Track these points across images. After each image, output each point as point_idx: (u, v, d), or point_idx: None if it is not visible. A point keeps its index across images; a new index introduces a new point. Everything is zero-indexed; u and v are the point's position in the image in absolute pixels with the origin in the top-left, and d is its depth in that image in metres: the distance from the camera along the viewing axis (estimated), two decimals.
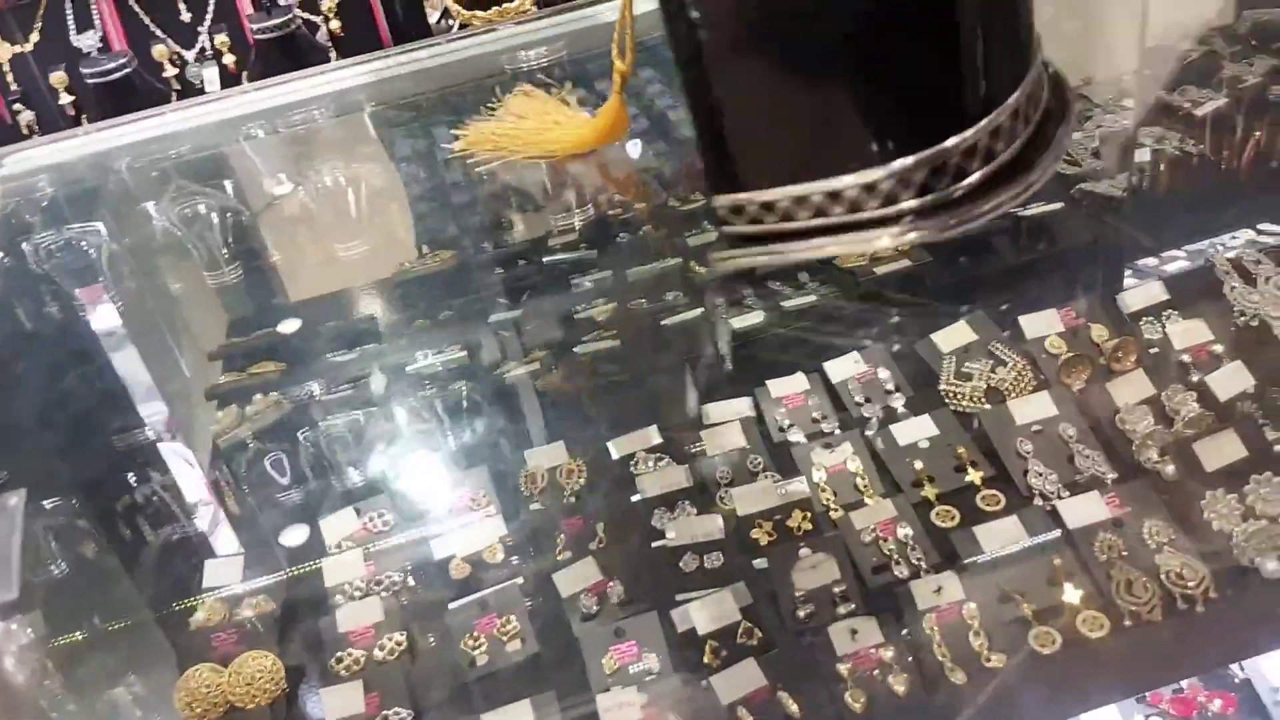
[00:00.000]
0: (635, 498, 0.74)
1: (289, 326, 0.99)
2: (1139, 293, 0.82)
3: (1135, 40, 1.24)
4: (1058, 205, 0.95)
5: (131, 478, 0.83)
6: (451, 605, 0.69)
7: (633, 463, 0.77)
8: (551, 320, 0.94)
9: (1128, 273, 0.88)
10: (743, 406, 0.80)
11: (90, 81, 1.78)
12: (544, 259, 1.01)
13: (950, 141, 0.46)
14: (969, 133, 0.46)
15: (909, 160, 0.47)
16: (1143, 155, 1.03)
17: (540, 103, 1.14)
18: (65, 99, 1.82)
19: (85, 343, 1.08)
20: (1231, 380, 0.74)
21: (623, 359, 0.88)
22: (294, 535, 0.77)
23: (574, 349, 0.89)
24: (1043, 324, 0.81)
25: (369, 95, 1.41)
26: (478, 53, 1.38)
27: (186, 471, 0.85)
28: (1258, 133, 1.05)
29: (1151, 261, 0.88)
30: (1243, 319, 0.81)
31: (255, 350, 0.96)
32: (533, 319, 0.95)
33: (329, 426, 0.85)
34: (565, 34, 1.33)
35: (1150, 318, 0.81)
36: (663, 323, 0.89)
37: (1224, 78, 1.11)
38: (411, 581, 0.71)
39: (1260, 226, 0.92)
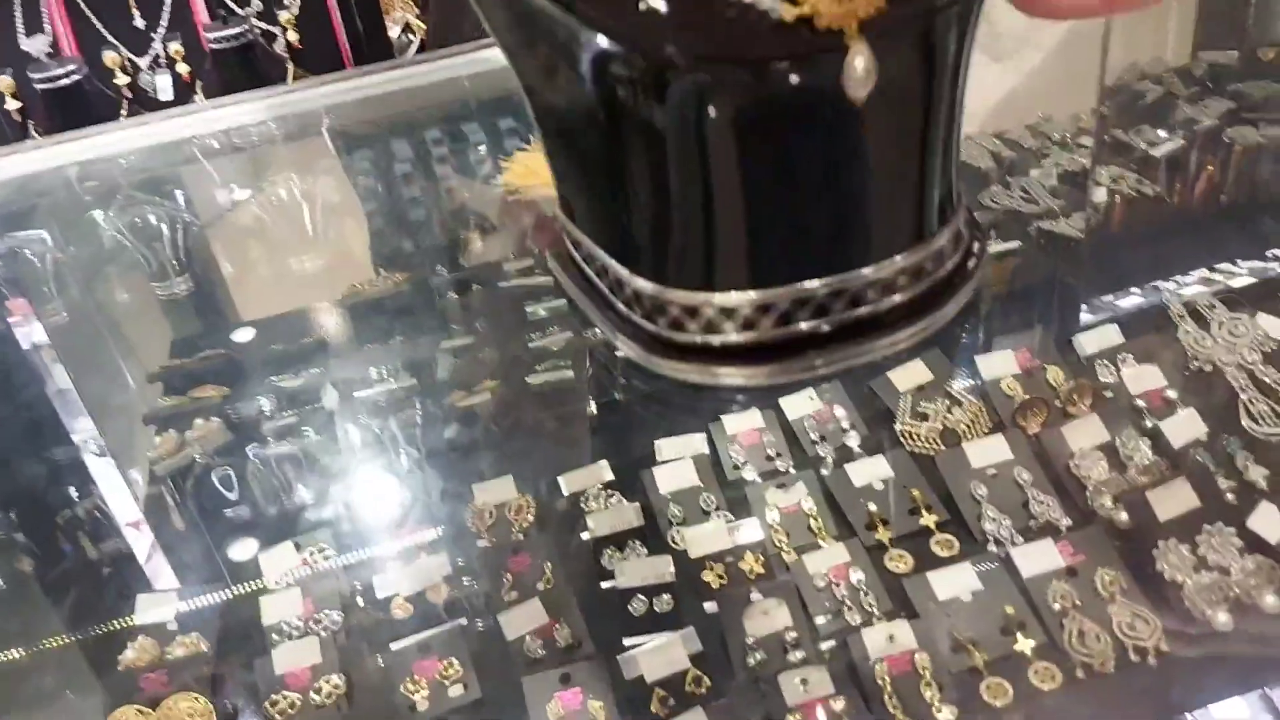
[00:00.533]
0: (585, 535, 0.73)
1: (243, 336, 0.98)
2: (1094, 335, 0.82)
3: (1094, 78, 1.25)
4: (1015, 244, 0.95)
5: (59, 506, 0.81)
6: (392, 646, 0.67)
7: (584, 499, 0.75)
8: (504, 349, 0.92)
9: (1084, 314, 0.88)
10: (697, 442, 0.78)
11: (39, 88, 1.74)
12: (500, 284, 1.00)
13: (809, 283, 0.46)
14: (817, 282, 0.46)
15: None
16: (1099, 195, 1.03)
17: None
18: (11, 105, 1.78)
19: (20, 357, 1.05)
20: (1184, 427, 0.74)
21: (577, 391, 0.86)
22: (241, 550, 0.75)
23: (526, 379, 0.87)
24: (999, 365, 0.81)
25: (329, 112, 1.38)
26: (444, 76, 1.36)
27: (119, 500, 0.82)
28: (1212, 175, 1.06)
29: (1108, 302, 0.89)
30: (1195, 364, 0.81)
31: (198, 372, 0.94)
32: (485, 346, 0.94)
33: (270, 456, 0.83)
34: None
35: (1105, 361, 0.81)
36: (618, 354, 0.87)
37: (1180, 119, 1.12)
38: (352, 620, 0.69)
39: (1214, 268, 0.92)
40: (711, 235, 0.46)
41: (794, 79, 0.42)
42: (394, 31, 2.12)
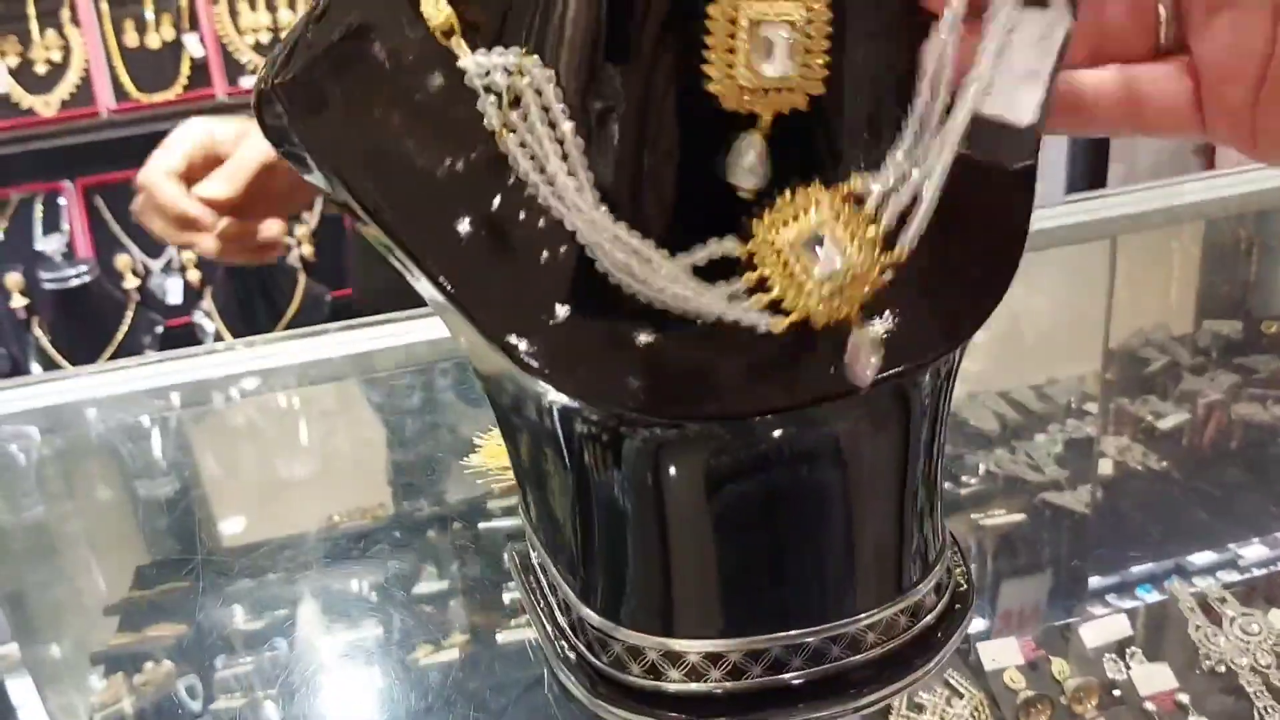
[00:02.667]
0: None
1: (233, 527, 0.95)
2: (1101, 626, 0.78)
3: (1099, 343, 1.24)
4: (1019, 517, 0.92)
5: None
6: None
7: None
8: (481, 596, 0.88)
9: (1090, 600, 0.84)
10: None
11: (47, 287, 1.75)
12: (480, 525, 0.96)
13: (782, 633, 0.42)
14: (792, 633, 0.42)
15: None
16: (1106, 467, 1.00)
17: None
18: (18, 302, 1.79)
19: None
20: None
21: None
22: None
23: (497, 635, 0.82)
24: (1002, 654, 0.76)
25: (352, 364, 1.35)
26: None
27: None
28: (1220, 451, 1.04)
29: (1115, 589, 0.84)
30: (1208, 663, 0.76)
31: (156, 606, 0.89)
32: (460, 593, 0.89)
33: (224, 711, 0.77)
34: None
35: (1113, 655, 0.76)
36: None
37: (1185, 391, 1.11)
38: None
39: (1225, 552, 0.88)
40: (668, 580, 0.42)
41: (777, 430, 0.39)
42: None
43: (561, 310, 0.37)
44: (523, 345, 0.36)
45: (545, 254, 0.37)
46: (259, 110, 0.40)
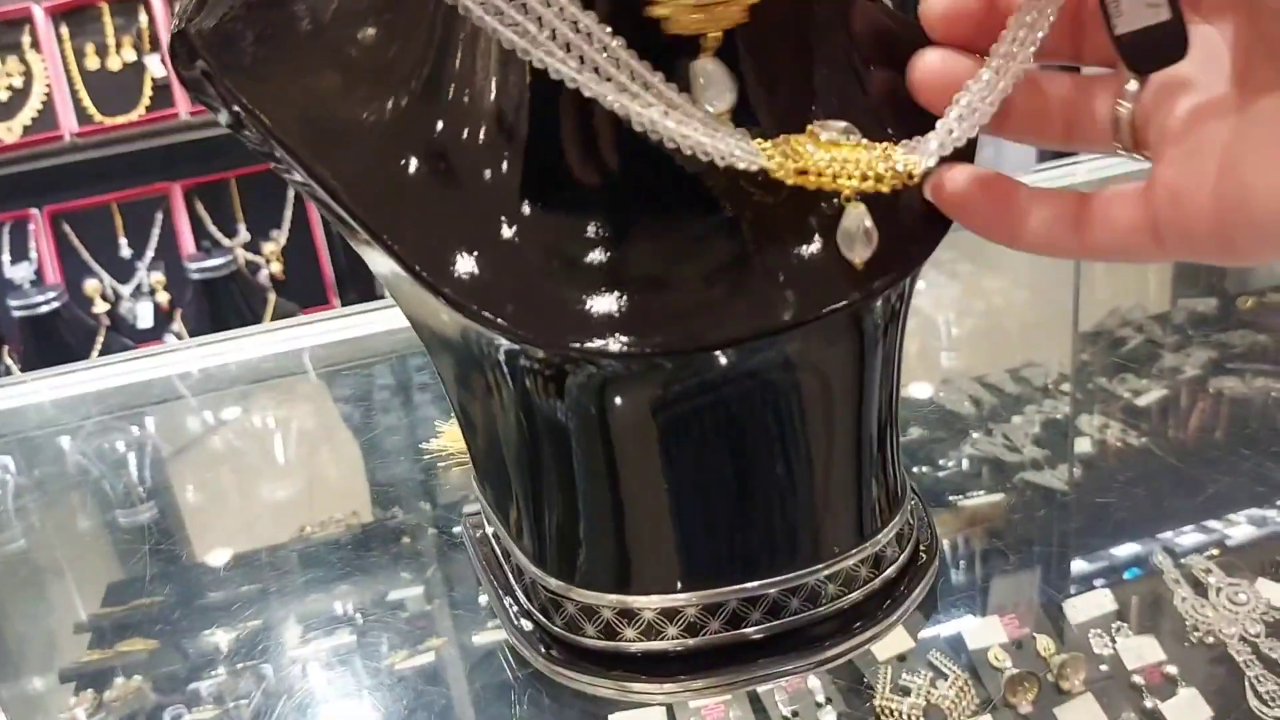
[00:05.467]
0: None
1: (219, 558, 0.93)
2: (1085, 601, 0.77)
3: (1069, 324, 1.23)
4: (998, 496, 0.91)
5: None
6: None
7: None
8: (458, 600, 0.87)
9: (1074, 576, 0.83)
10: (655, 717, 0.72)
11: (17, 315, 1.74)
12: (455, 529, 0.95)
13: (742, 585, 0.41)
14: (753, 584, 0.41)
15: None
16: (1085, 445, 1.00)
17: None
18: None
19: None
20: (1187, 711, 0.68)
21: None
22: None
23: (473, 637, 0.81)
24: (986, 633, 0.75)
25: (312, 354, 1.35)
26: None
27: None
28: (1200, 425, 1.03)
29: (1098, 565, 0.83)
30: (1196, 635, 0.75)
31: (128, 622, 0.87)
32: (435, 599, 0.88)
33: None
34: None
35: (1099, 630, 0.75)
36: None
37: (1163, 367, 1.10)
38: None
39: (1207, 526, 0.88)
40: (621, 531, 0.41)
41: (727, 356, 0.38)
42: None
43: (507, 230, 0.36)
44: (460, 268, 0.35)
45: (488, 172, 0.36)
46: (174, 54, 0.39)
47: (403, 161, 0.36)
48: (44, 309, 1.73)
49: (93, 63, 2.00)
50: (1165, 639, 0.74)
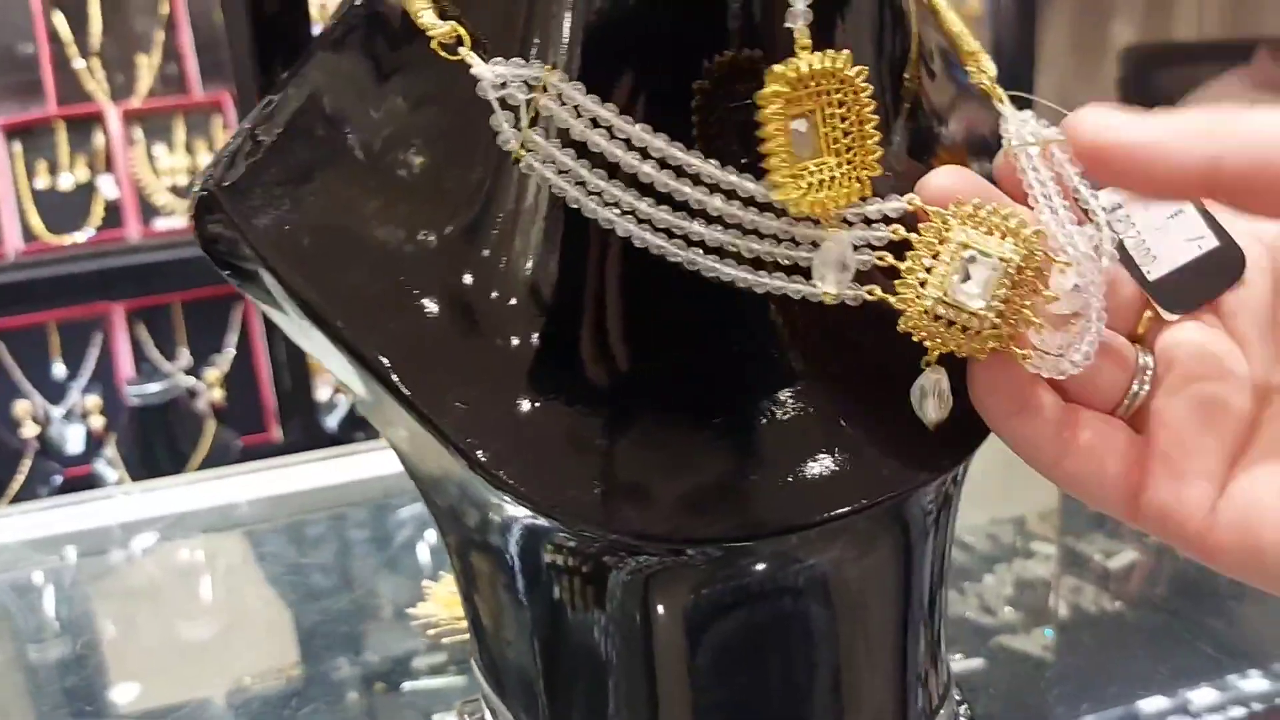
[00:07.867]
0: None
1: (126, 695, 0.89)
2: None
3: (1044, 481, 1.22)
4: (977, 661, 0.88)
5: None
6: None
7: None
8: None
9: None
10: None
11: None
12: (403, 684, 0.89)
13: None
14: None
15: None
16: (1060, 610, 0.98)
17: None
18: None
19: None
20: None
21: None
22: None
23: None
24: None
25: (251, 507, 1.28)
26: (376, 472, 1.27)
27: None
28: (1168, 590, 1.02)
29: None
30: None
31: None
32: None
33: None
34: None
35: None
36: None
37: (1132, 528, 1.09)
38: None
39: (1181, 697, 0.85)
40: None
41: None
42: (325, 393, 2.08)
43: (525, 404, 0.32)
44: (484, 450, 0.31)
45: (514, 339, 0.33)
46: (198, 219, 0.36)
47: (423, 302, 0.33)
48: None
49: (43, 180, 1.97)
50: None
